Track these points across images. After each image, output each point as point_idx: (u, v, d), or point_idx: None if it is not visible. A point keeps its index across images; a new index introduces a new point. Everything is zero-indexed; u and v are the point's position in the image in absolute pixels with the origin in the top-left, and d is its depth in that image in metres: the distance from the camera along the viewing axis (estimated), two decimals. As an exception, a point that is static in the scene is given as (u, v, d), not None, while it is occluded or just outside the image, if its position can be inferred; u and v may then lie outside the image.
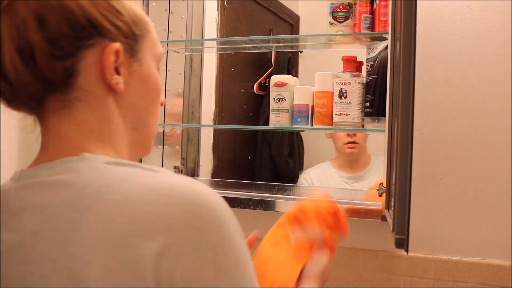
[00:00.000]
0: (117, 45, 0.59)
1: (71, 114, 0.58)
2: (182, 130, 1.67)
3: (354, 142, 1.73)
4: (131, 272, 0.48)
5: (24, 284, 0.51)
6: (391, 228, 0.92)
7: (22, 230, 0.53)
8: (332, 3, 1.30)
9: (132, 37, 0.62)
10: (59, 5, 0.55)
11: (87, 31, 0.57)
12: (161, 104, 0.68)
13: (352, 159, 1.75)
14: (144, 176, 0.53)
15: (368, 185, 1.70)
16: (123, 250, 0.48)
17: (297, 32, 2.00)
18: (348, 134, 1.73)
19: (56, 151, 0.58)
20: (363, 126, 1.28)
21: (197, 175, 1.69)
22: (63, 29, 0.56)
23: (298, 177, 1.81)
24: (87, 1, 0.57)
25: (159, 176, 0.53)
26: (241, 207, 1.41)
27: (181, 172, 1.65)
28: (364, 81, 1.28)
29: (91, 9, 0.57)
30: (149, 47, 0.67)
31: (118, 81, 0.60)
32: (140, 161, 0.78)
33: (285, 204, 1.34)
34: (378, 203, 1.20)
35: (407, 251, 0.84)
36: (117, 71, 0.60)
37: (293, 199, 1.34)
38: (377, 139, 1.23)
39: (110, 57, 0.59)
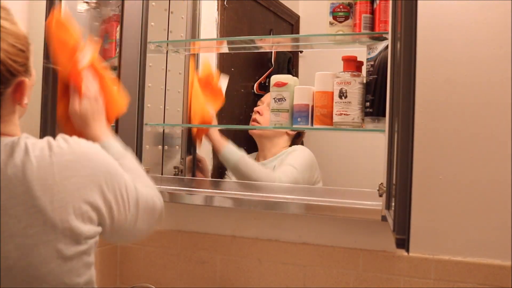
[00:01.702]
0: (26, 80, 0.80)
1: None
2: (182, 130, 1.67)
3: (255, 120, 1.71)
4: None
5: None
6: (392, 228, 0.92)
7: None
8: (332, 3, 1.30)
9: (28, 62, 0.82)
10: None
11: (7, 78, 0.77)
12: None
13: (261, 146, 1.74)
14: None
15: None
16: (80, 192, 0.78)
17: (297, 32, 1.99)
18: (258, 112, 1.71)
19: None
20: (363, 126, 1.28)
21: (192, 175, 1.69)
22: None
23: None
24: (6, 56, 0.76)
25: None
26: (242, 207, 1.41)
27: (181, 172, 1.65)
28: (364, 81, 1.27)
29: (9, 61, 0.76)
30: (32, 55, 0.85)
31: (26, 101, 0.82)
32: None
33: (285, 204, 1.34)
34: (378, 203, 1.19)
35: (407, 251, 0.84)
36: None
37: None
38: (377, 139, 1.23)
39: (23, 91, 0.80)
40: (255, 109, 1.75)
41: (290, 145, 1.74)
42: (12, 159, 0.75)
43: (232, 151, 1.56)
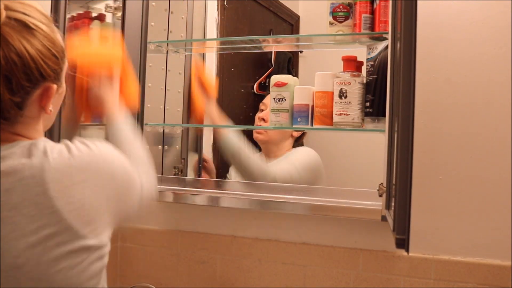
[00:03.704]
0: (54, 87, 0.80)
1: (13, 129, 0.79)
2: (182, 130, 1.67)
3: (261, 130, 1.71)
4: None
5: (5, 226, 0.72)
6: (392, 228, 0.92)
7: None
8: (332, 3, 1.30)
9: (60, 71, 0.82)
10: (21, 64, 0.74)
11: (37, 79, 0.77)
12: None
13: (266, 150, 1.73)
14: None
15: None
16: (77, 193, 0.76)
17: (297, 32, 1.99)
18: (263, 119, 1.71)
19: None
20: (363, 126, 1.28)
21: (198, 175, 1.69)
22: (23, 83, 0.76)
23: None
24: (38, 55, 0.76)
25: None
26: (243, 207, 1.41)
27: (181, 172, 1.65)
28: (364, 81, 1.28)
29: (40, 61, 0.77)
30: (66, 67, 0.86)
31: (51, 108, 0.83)
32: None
33: (283, 204, 1.34)
34: (378, 203, 1.20)
35: (407, 251, 0.84)
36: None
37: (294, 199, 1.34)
38: (377, 139, 1.23)
39: (49, 96, 0.80)
40: (259, 116, 1.74)
41: (293, 147, 1.73)
42: (30, 161, 0.75)
43: (232, 139, 1.56)
